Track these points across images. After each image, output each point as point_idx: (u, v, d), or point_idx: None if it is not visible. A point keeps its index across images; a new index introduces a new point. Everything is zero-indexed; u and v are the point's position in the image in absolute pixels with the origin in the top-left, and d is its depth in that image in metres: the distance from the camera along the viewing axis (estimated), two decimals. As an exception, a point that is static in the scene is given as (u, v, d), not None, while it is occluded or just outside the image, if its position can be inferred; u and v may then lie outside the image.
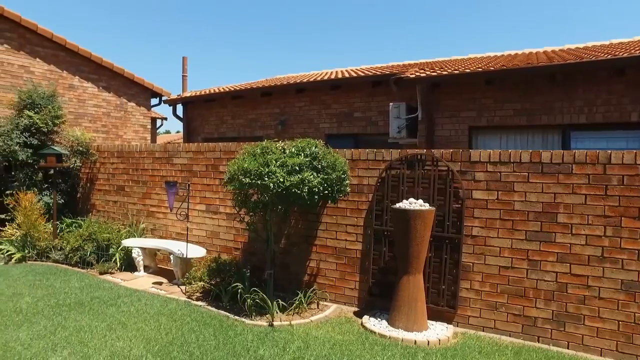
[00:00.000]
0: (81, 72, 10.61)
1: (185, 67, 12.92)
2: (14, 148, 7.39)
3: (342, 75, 9.58)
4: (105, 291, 5.38)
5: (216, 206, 6.14)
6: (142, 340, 3.94)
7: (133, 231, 6.88)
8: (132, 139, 11.54)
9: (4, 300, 4.94)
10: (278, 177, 4.08)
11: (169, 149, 6.77)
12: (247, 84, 12.12)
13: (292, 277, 5.43)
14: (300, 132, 9.60)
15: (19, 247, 6.85)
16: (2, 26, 9.27)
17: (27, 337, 3.95)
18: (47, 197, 7.63)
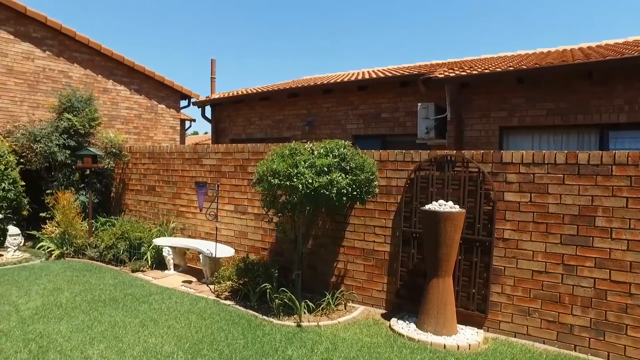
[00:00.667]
0: (115, 75, 10.97)
1: (214, 70, 13.15)
2: (53, 149, 7.71)
3: (370, 76, 9.54)
4: (138, 288, 5.52)
5: (244, 206, 6.22)
6: (173, 337, 4.03)
7: (163, 230, 7.05)
8: (162, 140, 11.83)
9: (46, 294, 5.15)
10: (307, 178, 4.10)
11: (199, 150, 6.90)
12: (275, 85, 12.23)
13: (320, 278, 5.44)
14: (327, 133, 9.62)
15: (57, 244, 7.13)
16: (45, 34, 9.70)
17: (67, 330, 4.11)
18: (83, 196, 7.92)
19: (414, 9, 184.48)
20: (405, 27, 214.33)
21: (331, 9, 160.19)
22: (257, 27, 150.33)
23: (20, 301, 4.89)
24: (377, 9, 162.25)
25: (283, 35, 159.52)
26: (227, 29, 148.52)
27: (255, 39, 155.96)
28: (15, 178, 7.65)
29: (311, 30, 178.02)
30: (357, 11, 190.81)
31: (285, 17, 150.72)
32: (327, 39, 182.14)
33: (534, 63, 6.99)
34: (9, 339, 3.90)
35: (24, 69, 9.46)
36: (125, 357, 3.59)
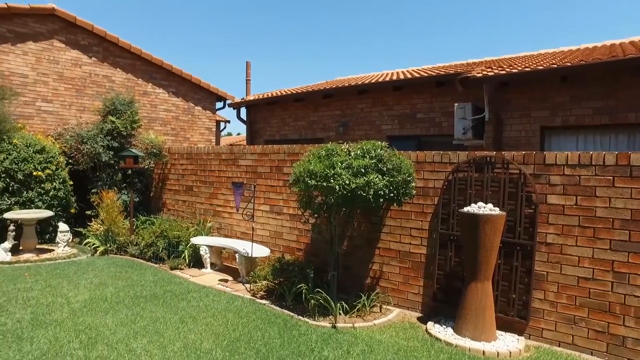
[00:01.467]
0: (154, 79, 11.34)
1: (249, 72, 13.37)
2: (98, 150, 8.07)
3: (405, 76, 9.43)
4: (176, 286, 5.68)
5: (280, 207, 6.28)
6: (211, 334, 4.12)
7: (200, 230, 7.22)
8: (198, 141, 12.14)
9: (93, 288, 5.40)
10: (344, 179, 4.10)
11: (235, 151, 7.03)
12: (309, 86, 12.30)
13: (354, 280, 5.42)
14: (361, 134, 9.59)
15: (102, 241, 7.45)
16: (91, 41, 10.17)
17: (113, 323, 4.28)
18: (125, 195, 8.24)
19: (447, 8, 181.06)
20: (436, 26, 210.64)
21: (363, 11, 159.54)
22: (291, 30, 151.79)
23: (71, 294, 5.14)
24: (409, 9, 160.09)
25: (315, 38, 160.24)
26: (262, 31, 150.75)
27: (288, 41, 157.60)
28: (64, 178, 8.07)
29: (343, 33, 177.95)
30: (388, 13, 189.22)
31: (317, 20, 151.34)
32: (358, 41, 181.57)
33: (579, 60, 6.71)
34: (62, 328, 4.11)
35: (72, 75, 9.94)
36: (166, 352, 3.70)
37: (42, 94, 9.55)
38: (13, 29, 9.12)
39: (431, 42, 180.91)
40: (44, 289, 5.30)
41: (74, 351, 3.66)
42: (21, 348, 3.71)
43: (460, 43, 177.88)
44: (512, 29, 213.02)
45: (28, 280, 5.69)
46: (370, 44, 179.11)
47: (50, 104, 9.65)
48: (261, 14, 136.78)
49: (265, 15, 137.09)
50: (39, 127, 9.26)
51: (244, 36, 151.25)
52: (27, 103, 9.22)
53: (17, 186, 7.56)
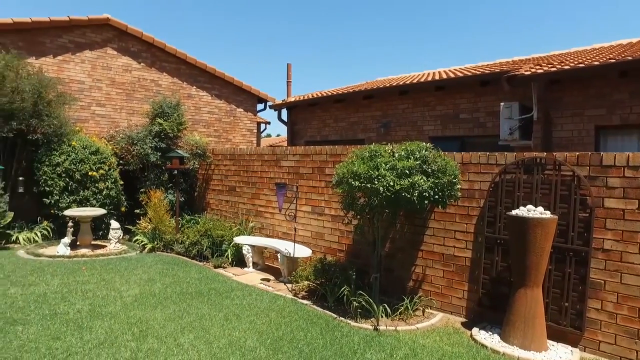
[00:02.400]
0: (198, 82, 11.70)
1: (290, 74, 13.52)
2: (147, 151, 8.44)
3: (447, 76, 9.23)
4: (220, 284, 5.83)
5: (321, 208, 6.31)
6: (255, 332, 4.19)
7: (243, 229, 7.37)
8: (239, 142, 12.40)
9: (142, 283, 5.64)
10: (388, 180, 4.06)
11: (277, 152, 7.13)
12: (349, 87, 12.29)
13: (396, 282, 5.36)
14: (402, 135, 9.47)
15: (149, 238, 7.77)
16: (140, 48, 10.65)
17: (161, 318, 4.45)
18: (171, 195, 8.55)
19: (487, 7, 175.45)
20: (476, 25, 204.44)
21: (402, 10, 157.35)
22: (331, 32, 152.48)
23: (123, 288, 5.39)
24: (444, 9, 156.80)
25: (355, 39, 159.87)
26: (302, 33, 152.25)
27: (328, 43, 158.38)
28: (116, 178, 8.49)
29: (382, 34, 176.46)
30: (426, 13, 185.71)
31: (357, 22, 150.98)
32: (396, 41, 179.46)
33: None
34: (116, 321, 4.32)
35: (123, 80, 10.43)
36: (212, 348, 3.80)
37: (97, 98, 10.08)
38: (73, 39, 9.70)
39: (470, 41, 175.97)
40: (99, 283, 5.59)
41: (127, 342, 3.83)
42: (82, 336, 3.93)
43: (500, 42, 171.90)
44: (556, 26, 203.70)
45: (85, 273, 6.02)
46: (410, 43, 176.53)
47: (103, 108, 10.16)
48: (301, 17, 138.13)
49: (305, 18, 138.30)
50: (93, 130, 9.77)
51: (285, 39, 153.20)
52: (83, 107, 9.75)
53: (75, 185, 8.03)
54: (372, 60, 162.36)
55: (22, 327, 4.10)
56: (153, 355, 3.61)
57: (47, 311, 4.52)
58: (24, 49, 8.99)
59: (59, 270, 6.15)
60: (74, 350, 3.65)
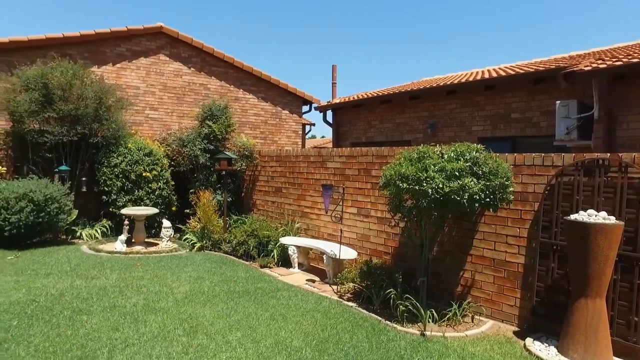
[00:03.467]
0: (244, 85, 11.98)
1: (335, 75, 13.55)
2: (196, 153, 8.75)
3: (497, 74, 8.89)
4: (266, 283, 5.92)
5: (367, 210, 6.26)
6: (300, 333, 4.22)
7: (288, 230, 7.46)
8: (285, 143, 12.56)
9: (192, 281, 5.84)
10: (437, 182, 3.97)
11: (323, 154, 7.16)
12: (395, 87, 12.14)
13: (444, 287, 5.22)
14: (449, 136, 9.24)
15: (198, 237, 8.03)
16: (190, 53, 11.07)
17: (210, 315, 4.59)
18: (219, 195, 8.81)
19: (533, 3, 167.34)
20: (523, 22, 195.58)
21: (444, 8, 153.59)
22: (375, 33, 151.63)
23: (174, 285, 5.61)
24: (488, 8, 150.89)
25: (399, 39, 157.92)
26: (347, 35, 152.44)
27: (373, 44, 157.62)
28: (168, 178, 8.86)
29: (426, 33, 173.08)
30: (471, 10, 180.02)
31: (400, 22, 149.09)
32: (441, 41, 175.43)
33: None
34: (168, 316, 4.51)
35: (174, 85, 10.88)
36: (259, 347, 3.87)
37: (150, 102, 10.57)
38: (130, 47, 10.26)
39: (517, 39, 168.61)
40: (152, 279, 5.85)
41: (179, 337, 3.98)
42: (138, 329, 4.13)
43: (550, 38, 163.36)
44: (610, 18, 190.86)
45: (139, 269, 6.32)
46: (453, 42, 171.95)
47: (156, 112, 10.64)
48: (347, 19, 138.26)
49: (350, 20, 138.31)
50: (147, 133, 10.26)
51: (330, 41, 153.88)
52: (137, 111, 10.26)
53: (130, 185, 8.46)
54: (416, 60, 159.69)
55: (87, 317, 4.37)
56: (203, 351, 3.73)
57: (107, 303, 4.79)
58: (89, 58, 9.61)
59: (117, 265, 6.50)
60: (131, 342, 3.84)
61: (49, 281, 5.54)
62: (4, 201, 6.98)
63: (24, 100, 7.86)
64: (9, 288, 5.21)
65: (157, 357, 3.59)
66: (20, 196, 7.03)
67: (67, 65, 8.27)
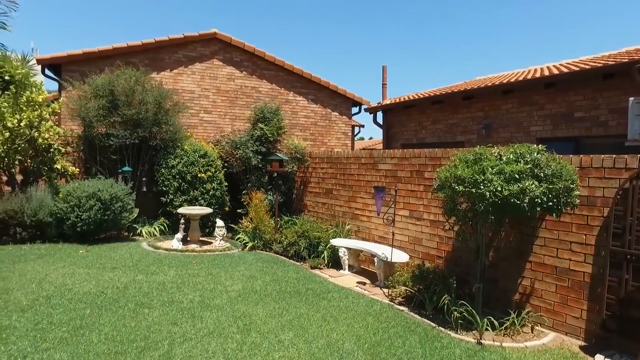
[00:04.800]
0: (294, 87, 12.13)
1: (385, 76, 13.40)
2: (249, 155, 8.98)
3: (558, 71, 8.40)
4: (317, 284, 5.95)
5: (420, 212, 6.13)
6: (352, 335, 4.20)
7: (339, 232, 7.46)
8: (334, 145, 12.59)
9: (244, 280, 5.99)
10: (495, 185, 3.81)
11: (374, 155, 7.09)
12: (447, 87, 11.82)
13: (500, 294, 5.00)
14: (506, 137, 8.86)
15: (250, 237, 8.23)
16: (242, 57, 11.40)
17: (263, 314, 4.68)
18: (270, 196, 8.97)
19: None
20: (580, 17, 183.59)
21: (498, 7, 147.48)
22: (425, 33, 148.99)
23: (227, 283, 5.78)
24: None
25: (449, 39, 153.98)
26: (397, 35, 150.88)
27: (422, 44, 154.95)
28: (221, 179, 9.16)
29: (477, 32, 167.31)
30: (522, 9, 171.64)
31: (451, 21, 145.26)
32: (492, 39, 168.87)
33: None
34: (223, 313, 4.65)
35: (227, 88, 11.24)
36: (311, 348, 3.89)
37: (204, 106, 10.98)
38: (186, 53, 10.74)
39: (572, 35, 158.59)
40: (207, 276, 6.06)
41: (233, 334, 4.09)
42: (195, 324, 4.30)
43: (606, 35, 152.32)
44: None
45: (195, 267, 6.57)
46: (506, 40, 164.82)
47: (209, 115, 11.04)
48: (396, 20, 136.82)
49: (399, 21, 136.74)
50: (201, 135, 10.66)
51: (379, 42, 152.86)
52: (192, 115, 10.69)
53: (186, 186, 8.83)
54: (468, 59, 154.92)
55: (148, 310, 4.60)
56: (256, 349, 3.80)
57: (166, 298, 5.02)
58: (149, 65, 10.15)
59: (174, 262, 6.80)
60: (188, 336, 3.99)
61: (115, 275, 5.89)
62: (76, 199, 7.52)
63: (94, 106, 8.45)
64: (82, 279, 5.61)
65: (213, 352, 3.70)
66: (89, 195, 7.54)
67: (131, 72, 8.78)
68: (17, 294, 4.96)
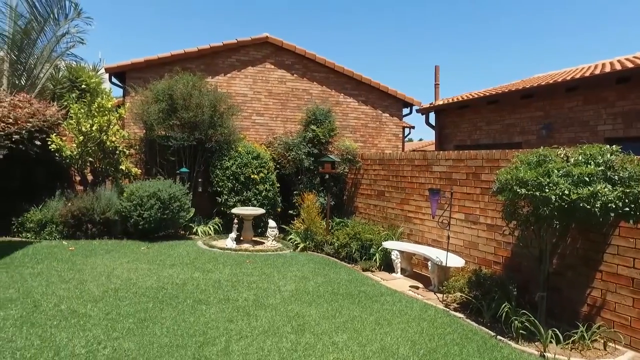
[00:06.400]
0: (345, 89, 12.13)
1: (437, 76, 13.09)
2: (301, 157, 9.08)
3: (633, 64, 7.78)
4: (369, 287, 5.89)
5: (476, 216, 5.92)
6: (407, 341, 4.12)
7: (391, 234, 7.35)
8: (385, 147, 12.44)
9: (297, 280, 6.05)
10: (562, 188, 3.59)
11: (428, 157, 6.93)
12: (503, 86, 11.35)
13: (565, 304, 4.70)
14: (569, 137, 8.36)
15: (302, 238, 8.31)
16: (293, 60, 11.57)
17: (316, 315, 4.70)
18: (322, 198, 9.01)
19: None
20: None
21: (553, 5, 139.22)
22: (478, 32, 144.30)
23: (280, 283, 5.87)
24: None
25: (504, 38, 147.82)
26: (450, 36, 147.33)
27: (475, 44, 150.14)
28: (273, 180, 9.33)
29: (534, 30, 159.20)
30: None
31: (505, 20, 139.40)
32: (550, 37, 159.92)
33: None
34: (277, 312, 4.72)
35: (278, 91, 11.44)
36: (365, 351, 3.85)
37: (256, 108, 11.25)
38: (239, 58, 11.06)
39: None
40: (260, 276, 6.18)
41: (287, 334, 4.13)
42: (250, 322, 4.39)
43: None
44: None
45: (249, 266, 6.73)
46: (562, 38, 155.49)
47: (261, 117, 11.29)
48: (450, 21, 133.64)
49: (453, 21, 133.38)
50: (253, 137, 10.92)
51: (432, 42, 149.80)
52: (245, 117, 10.98)
53: (239, 187, 9.07)
54: (523, 58, 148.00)
55: (205, 307, 4.77)
56: (310, 350, 3.82)
57: (222, 296, 5.17)
58: (205, 70, 10.56)
59: (228, 261, 7.00)
60: (244, 334, 4.09)
61: (174, 271, 6.16)
62: (139, 199, 7.95)
63: (154, 110, 8.91)
64: (144, 275, 5.91)
65: (268, 351, 3.77)
66: (150, 195, 7.95)
67: (188, 77, 9.17)
68: (90, 285, 5.32)
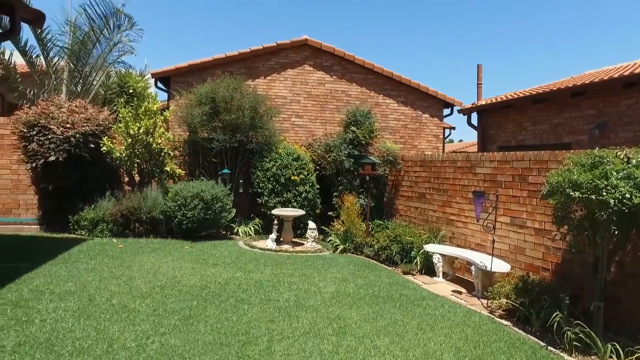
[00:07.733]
0: (384, 90, 12.01)
1: (480, 76, 12.73)
2: (342, 158, 9.07)
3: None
4: (410, 291, 5.79)
5: (522, 220, 5.69)
6: (451, 347, 4.01)
7: (432, 237, 7.20)
8: (425, 148, 12.21)
9: (337, 282, 6.04)
10: (622, 192, 3.38)
11: (472, 158, 6.74)
12: (551, 84, 10.86)
13: (625, 316, 4.42)
14: (626, 137, 7.88)
15: (341, 240, 8.29)
16: (332, 62, 11.59)
17: (357, 317, 4.67)
18: (362, 199, 8.96)
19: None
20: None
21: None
22: (520, 31, 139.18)
23: (321, 284, 5.88)
24: None
25: (548, 36, 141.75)
26: (492, 34, 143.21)
27: (518, 42, 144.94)
28: (313, 182, 9.38)
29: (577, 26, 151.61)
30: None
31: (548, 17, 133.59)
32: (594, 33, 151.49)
33: None
34: (317, 314, 4.72)
35: (317, 93, 11.49)
36: (408, 356, 3.78)
37: (296, 110, 11.34)
38: (279, 60, 11.21)
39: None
40: (300, 277, 6.22)
41: (329, 336, 4.13)
42: (291, 323, 4.42)
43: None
44: None
45: (289, 267, 6.78)
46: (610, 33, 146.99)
47: (301, 119, 11.37)
48: (491, 20, 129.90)
49: (494, 20, 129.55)
50: (292, 139, 11.02)
51: (473, 41, 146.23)
52: (284, 119, 11.10)
53: (279, 188, 9.18)
54: (572, 55, 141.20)
55: (247, 307, 4.84)
56: (352, 353, 3.80)
57: (263, 296, 5.24)
58: (245, 73, 10.78)
59: (269, 261, 7.09)
60: (286, 335, 4.12)
61: (216, 270, 6.30)
62: (182, 199, 8.21)
63: (198, 113, 9.18)
64: (188, 273, 6.09)
65: (310, 352, 3.77)
66: (194, 195, 8.18)
67: (229, 81, 9.39)
68: (138, 282, 5.54)
